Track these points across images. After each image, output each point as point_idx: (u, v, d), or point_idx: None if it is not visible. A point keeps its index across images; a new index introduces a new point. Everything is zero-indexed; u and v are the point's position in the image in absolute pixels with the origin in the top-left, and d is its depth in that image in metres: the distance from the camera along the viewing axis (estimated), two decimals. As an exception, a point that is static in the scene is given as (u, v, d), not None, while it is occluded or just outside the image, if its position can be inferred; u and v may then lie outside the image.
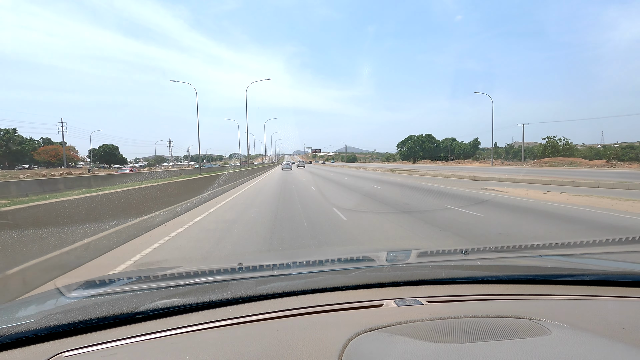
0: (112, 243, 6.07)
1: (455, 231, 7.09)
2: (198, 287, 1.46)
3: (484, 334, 0.95)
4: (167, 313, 1.22)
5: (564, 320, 1.06)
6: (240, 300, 1.31)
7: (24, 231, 4.25)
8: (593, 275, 1.52)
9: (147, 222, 7.64)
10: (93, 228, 5.63)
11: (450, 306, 1.27)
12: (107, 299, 1.32)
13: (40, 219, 4.62)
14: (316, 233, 6.96)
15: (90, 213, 5.73)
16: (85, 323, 1.13)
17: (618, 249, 3.20)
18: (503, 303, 1.31)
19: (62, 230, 4.88)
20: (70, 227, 5.09)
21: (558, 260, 2.07)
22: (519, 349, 0.84)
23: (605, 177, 21.64)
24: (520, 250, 2.88)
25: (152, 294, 1.35)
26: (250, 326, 1.15)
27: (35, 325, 1.09)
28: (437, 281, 1.52)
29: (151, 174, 33.50)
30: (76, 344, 1.05)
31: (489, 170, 38.06)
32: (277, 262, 1.93)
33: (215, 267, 1.64)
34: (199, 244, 6.38)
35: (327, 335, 0.99)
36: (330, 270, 1.73)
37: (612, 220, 8.02)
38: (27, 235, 4.26)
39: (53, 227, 4.74)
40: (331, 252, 3.59)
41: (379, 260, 1.89)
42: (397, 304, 1.27)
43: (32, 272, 4.13)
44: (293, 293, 1.38)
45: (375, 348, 0.89)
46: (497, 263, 1.95)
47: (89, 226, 5.52)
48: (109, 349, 1.02)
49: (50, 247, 4.58)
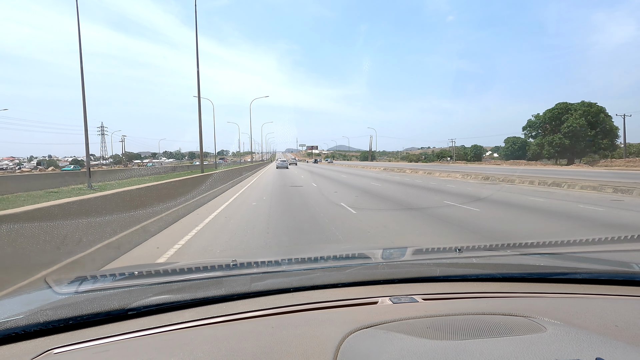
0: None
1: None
2: (192, 283, 1.44)
3: (480, 331, 0.95)
4: (160, 309, 1.21)
5: (559, 317, 1.06)
6: (235, 297, 1.30)
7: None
8: (586, 274, 1.54)
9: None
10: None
11: (445, 304, 1.27)
12: (99, 294, 1.30)
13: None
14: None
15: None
16: (76, 319, 1.11)
17: (611, 247, 3.24)
18: (498, 300, 1.31)
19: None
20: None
21: (552, 258, 2.08)
22: (516, 345, 0.84)
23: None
24: (514, 248, 2.90)
25: (144, 290, 1.33)
26: (245, 323, 1.14)
27: (24, 322, 1.07)
28: (432, 279, 1.52)
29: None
30: (66, 340, 1.03)
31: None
32: (272, 259, 1.92)
33: (209, 264, 1.62)
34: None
35: (322, 332, 0.98)
36: (325, 267, 1.72)
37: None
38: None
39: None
40: (326, 249, 3.58)
41: (374, 257, 1.89)
42: (392, 301, 1.27)
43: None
44: (288, 290, 1.37)
45: (371, 345, 0.89)
46: (492, 261, 1.96)
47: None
48: (100, 346, 1.00)
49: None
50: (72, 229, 4.59)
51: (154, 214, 7.29)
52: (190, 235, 6.90)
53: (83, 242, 4.68)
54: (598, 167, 41.16)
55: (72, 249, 4.44)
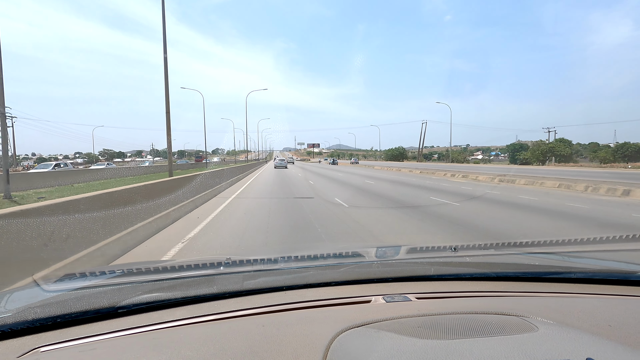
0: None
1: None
2: (183, 281, 1.43)
3: (472, 330, 0.94)
4: (151, 307, 1.19)
5: (552, 317, 1.06)
6: (227, 295, 1.29)
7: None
8: (580, 273, 1.54)
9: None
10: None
11: (438, 302, 1.27)
12: (88, 292, 1.28)
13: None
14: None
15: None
16: (64, 317, 1.09)
17: (605, 247, 3.26)
18: (491, 300, 1.31)
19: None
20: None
21: (546, 258, 2.08)
22: (507, 345, 0.83)
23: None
24: (509, 248, 2.90)
25: (135, 288, 1.32)
26: (236, 321, 1.13)
27: (11, 320, 1.05)
28: (425, 277, 1.52)
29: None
30: (54, 338, 1.02)
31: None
32: (266, 257, 1.90)
33: (201, 261, 1.61)
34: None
35: (313, 331, 0.97)
36: (318, 265, 1.71)
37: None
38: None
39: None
40: (321, 247, 3.57)
41: (368, 256, 1.88)
42: (385, 300, 1.26)
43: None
44: (281, 288, 1.36)
45: (361, 344, 0.88)
46: (486, 260, 1.95)
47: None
48: (87, 344, 0.99)
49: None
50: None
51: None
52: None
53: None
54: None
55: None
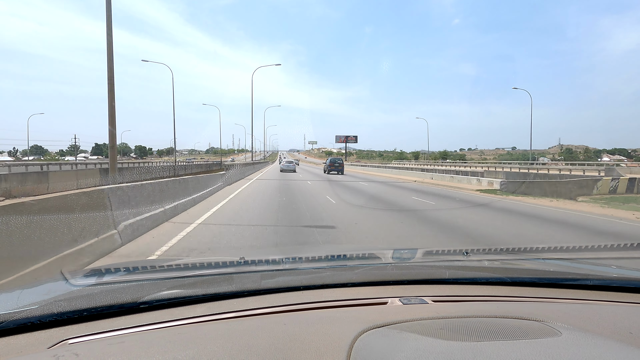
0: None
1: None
2: (203, 279, 1.45)
3: (494, 333, 0.94)
4: (172, 304, 1.21)
5: (572, 323, 1.05)
6: (245, 294, 1.30)
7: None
8: (597, 280, 1.52)
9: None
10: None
11: (455, 306, 1.27)
12: (113, 287, 1.31)
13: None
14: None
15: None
16: (90, 311, 1.12)
17: (618, 254, 3.22)
18: (509, 304, 1.30)
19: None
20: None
21: (561, 264, 2.06)
22: (532, 348, 0.83)
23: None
24: (522, 253, 2.89)
25: (157, 284, 1.34)
26: (257, 319, 1.14)
27: (39, 312, 1.08)
28: (441, 281, 1.52)
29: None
30: (81, 331, 1.04)
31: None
32: (282, 256, 1.92)
33: (220, 260, 1.63)
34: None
35: (335, 330, 0.98)
36: (335, 266, 1.72)
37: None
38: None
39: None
40: (336, 249, 3.58)
41: (384, 258, 1.89)
42: (402, 302, 1.26)
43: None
44: (298, 288, 1.37)
45: (385, 344, 0.88)
46: (502, 265, 1.94)
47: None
48: (115, 337, 1.01)
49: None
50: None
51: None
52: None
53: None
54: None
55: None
